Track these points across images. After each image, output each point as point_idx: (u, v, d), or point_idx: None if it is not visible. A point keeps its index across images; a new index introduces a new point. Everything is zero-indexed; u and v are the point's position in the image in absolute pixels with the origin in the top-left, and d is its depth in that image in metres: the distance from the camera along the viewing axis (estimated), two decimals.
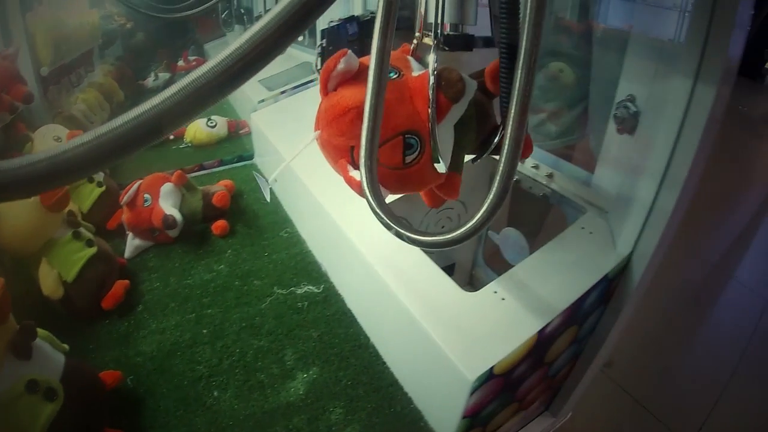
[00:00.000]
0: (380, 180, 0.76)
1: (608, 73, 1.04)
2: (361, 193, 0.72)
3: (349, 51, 0.73)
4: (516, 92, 0.57)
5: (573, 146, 1.35)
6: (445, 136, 0.77)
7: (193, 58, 3.23)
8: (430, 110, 0.71)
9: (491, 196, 0.59)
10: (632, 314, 1.06)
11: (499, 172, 0.59)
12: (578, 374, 1.16)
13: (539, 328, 0.85)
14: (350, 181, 0.74)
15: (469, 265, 1.55)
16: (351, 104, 0.71)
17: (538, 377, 1.02)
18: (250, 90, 2.13)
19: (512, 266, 1.00)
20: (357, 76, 0.74)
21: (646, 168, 0.90)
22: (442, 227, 1.37)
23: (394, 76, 0.75)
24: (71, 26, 2.21)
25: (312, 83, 1.97)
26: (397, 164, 0.72)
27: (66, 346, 1.03)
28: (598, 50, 1.21)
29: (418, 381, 1.04)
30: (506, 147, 0.58)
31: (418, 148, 0.74)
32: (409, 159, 0.74)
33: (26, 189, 0.47)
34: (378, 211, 0.67)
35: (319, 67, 1.49)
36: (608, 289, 0.99)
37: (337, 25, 1.47)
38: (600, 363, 1.15)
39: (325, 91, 0.76)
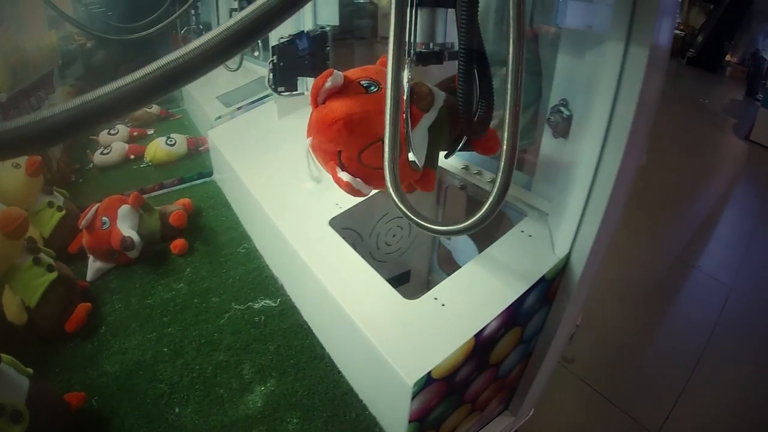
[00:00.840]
0: (364, 178, 0.88)
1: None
2: (350, 192, 0.87)
3: (335, 71, 0.84)
4: (508, 104, 0.67)
5: (525, 150, 1.38)
6: (418, 140, 0.88)
7: None
8: (404, 119, 0.81)
9: (495, 190, 0.68)
10: (576, 312, 1.09)
11: (501, 168, 0.68)
12: (532, 373, 1.19)
13: (476, 331, 0.88)
14: (338, 181, 0.87)
15: (425, 271, 1.58)
16: (338, 116, 0.83)
17: (487, 379, 1.05)
18: (208, 106, 2.15)
19: None
20: (341, 90, 0.86)
21: (579, 169, 0.93)
22: (393, 236, 1.41)
23: (375, 90, 0.86)
24: (29, 50, 2.19)
25: (267, 98, 2.00)
26: (379, 165, 0.78)
27: (30, 370, 1.04)
28: (546, 53, 1.24)
29: (369, 388, 1.06)
30: (504, 150, 0.68)
31: None
32: None
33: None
34: (401, 206, 0.75)
35: (272, 83, 1.52)
36: (549, 290, 1.02)
37: (287, 41, 1.48)
38: (553, 360, 1.18)
39: (315, 104, 0.87)
